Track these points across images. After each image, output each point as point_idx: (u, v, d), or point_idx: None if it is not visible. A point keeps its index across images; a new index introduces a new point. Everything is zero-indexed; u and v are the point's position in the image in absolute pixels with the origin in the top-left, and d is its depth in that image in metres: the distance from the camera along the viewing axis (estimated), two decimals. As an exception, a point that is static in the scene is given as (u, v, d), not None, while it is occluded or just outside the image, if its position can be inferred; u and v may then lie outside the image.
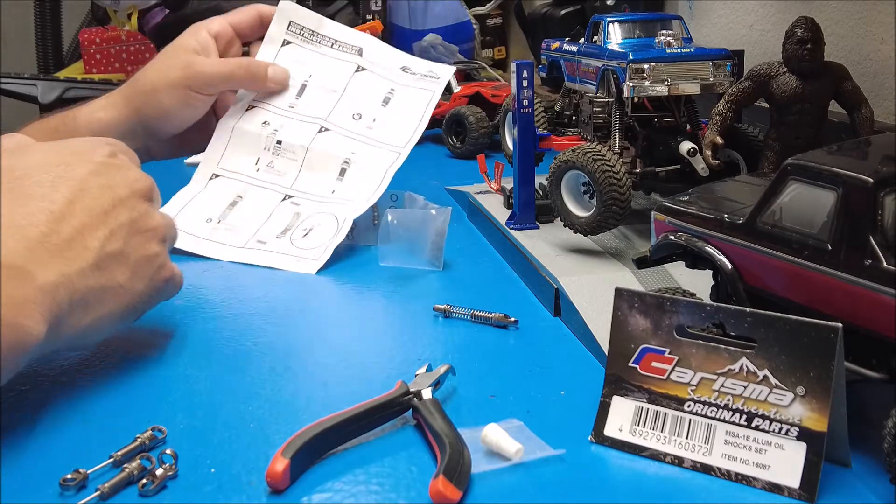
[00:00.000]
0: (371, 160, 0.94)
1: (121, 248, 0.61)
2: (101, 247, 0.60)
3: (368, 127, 0.97)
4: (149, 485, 0.49)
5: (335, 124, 0.97)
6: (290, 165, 0.96)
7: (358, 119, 0.98)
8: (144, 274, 0.64)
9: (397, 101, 0.99)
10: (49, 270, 0.56)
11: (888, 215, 0.49)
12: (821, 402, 0.49)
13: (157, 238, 0.65)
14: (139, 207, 0.64)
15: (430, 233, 0.86)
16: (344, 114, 0.98)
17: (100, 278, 0.60)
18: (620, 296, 0.55)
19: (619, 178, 0.80)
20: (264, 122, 0.97)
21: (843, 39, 1.06)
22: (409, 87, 1.01)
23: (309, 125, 0.97)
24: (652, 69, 0.83)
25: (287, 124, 0.97)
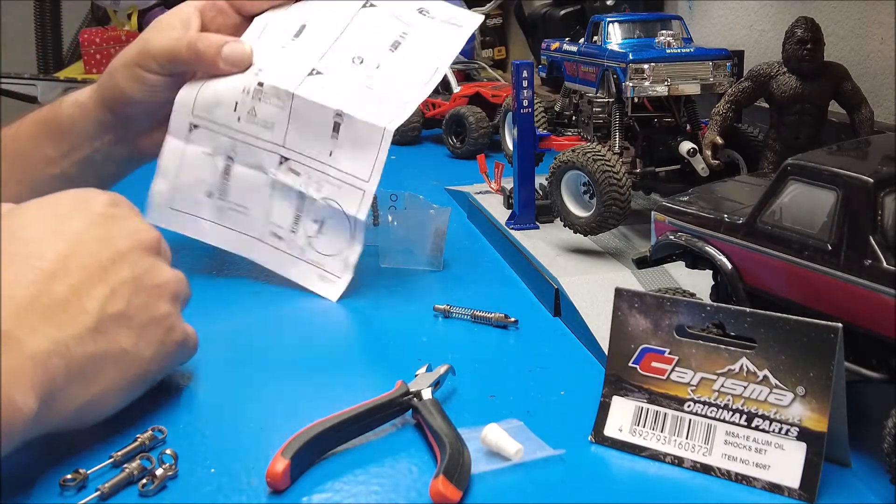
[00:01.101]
0: (369, 110, 0.80)
1: (123, 309, 0.54)
2: (101, 308, 0.53)
3: (369, 75, 0.82)
4: (149, 485, 0.49)
5: (330, 68, 0.82)
6: (276, 115, 0.81)
7: (359, 63, 0.83)
8: (152, 337, 0.56)
9: (408, 48, 0.84)
10: (40, 337, 0.49)
11: (888, 215, 0.49)
12: (821, 402, 0.49)
13: (166, 296, 0.58)
14: (143, 262, 0.57)
15: (430, 233, 0.86)
16: (342, 56, 0.83)
17: (100, 344, 0.52)
18: (620, 296, 0.55)
19: (619, 178, 0.80)
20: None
21: (843, 39, 1.06)
22: (425, 34, 0.85)
23: (298, 65, 0.83)
24: (652, 69, 0.83)
25: (275, 62, 0.83)
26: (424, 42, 0.84)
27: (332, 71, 0.82)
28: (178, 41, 0.82)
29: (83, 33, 2.04)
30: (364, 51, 0.83)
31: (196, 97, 0.83)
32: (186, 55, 0.82)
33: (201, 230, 0.84)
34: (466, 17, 0.87)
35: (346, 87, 0.81)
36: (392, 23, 0.85)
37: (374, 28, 0.85)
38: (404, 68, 0.83)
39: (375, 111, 0.79)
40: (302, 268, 0.81)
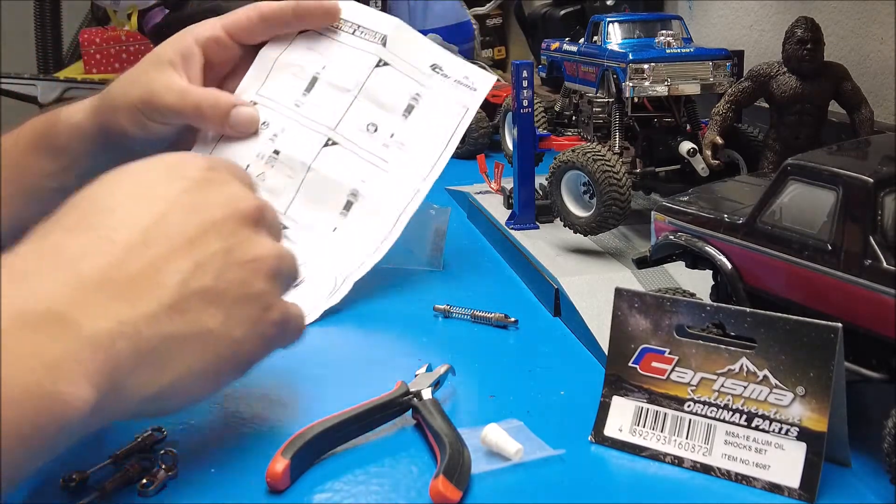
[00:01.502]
0: (383, 195, 0.79)
1: (210, 285, 0.49)
2: (183, 283, 0.48)
3: (384, 145, 0.81)
4: (149, 485, 0.49)
5: (345, 137, 0.81)
6: (286, 184, 0.80)
7: (373, 132, 0.81)
8: (244, 316, 0.50)
9: (422, 113, 0.83)
10: (103, 317, 0.44)
11: (888, 215, 0.49)
12: (821, 402, 0.49)
13: (263, 271, 0.52)
14: (239, 233, 0.51)
15: (430, 233, 0.86)
16: (357, 123, 0.82)
17: (179, 323, 0.47)
18: (620, 296, 0.55)
19: (619, 178, 0.80)
20: (263, 123, 0.82)
21: (843, 39, 1.06)
22: (438, 96, 0.84)
23: (314, 135, 0.81)
24: (652, 69, 0.83)
25: (289, 129, 0.81)
26: (437, 108, 0.83)
27: (347, 142, 0.81)
28: (184, 99, 0.78)
29: (83, 33, 2.04)
30: (378, 117, 0.82)
31: (212, 153, 0.82)
32: (192, 115, 0.79)
33: None
34: (480, 77, 0.85)
35: (360, 162, 0.80)
36: (405, 83, 0.84)
37: (388, 90, 0.83)
38: (418, 138, 0.82)
39: (390, 195, 0.79)
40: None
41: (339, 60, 0.84)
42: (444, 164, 0.81)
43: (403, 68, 0.84)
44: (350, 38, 0.85)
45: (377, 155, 0.81)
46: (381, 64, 0.84)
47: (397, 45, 0.85)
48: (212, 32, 0.82)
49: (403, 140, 0.81)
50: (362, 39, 0.85)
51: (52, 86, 1.78)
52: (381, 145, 0.81)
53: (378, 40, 0.85)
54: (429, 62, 0.85)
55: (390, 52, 0.84)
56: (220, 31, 0.82)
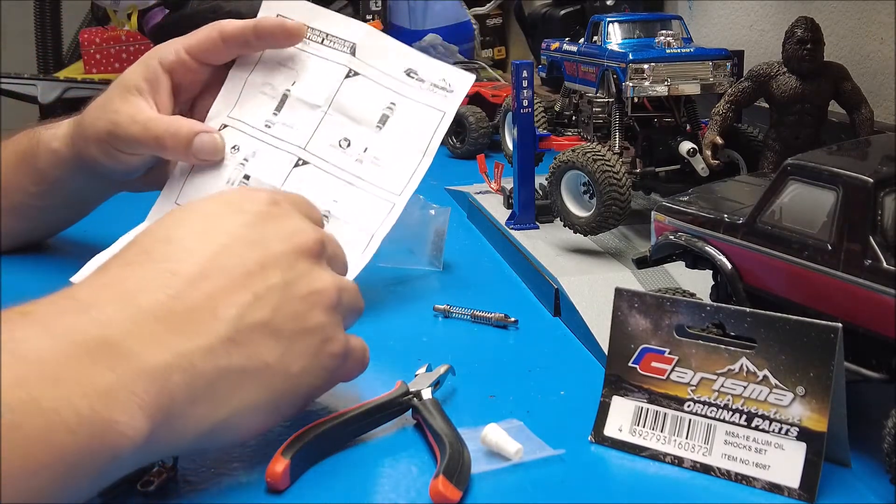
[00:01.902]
0: (357, 213, 0.77)
1: (268, 318, 0.49)
2: (240, 316, 0.47)
3: (358, 160, 0.78)
4: (149, 485, 0.49)
5: (316, 155, 0.79)
6: None
7: (345, 147, 0.78)
8: (303, 350, 0.50)
9: (397, 122, 0.79)
10: (160, 349, 0.44)
11: (888, 215, 0.49)
12: (821, 402, 0.49)
13: (323, 304, 0.52)
14: (299, 267, 0.51)
15: (430, 233, 0.86)
16: (328, 140, 0.79)
17: (236, 357, 0.47)
18: (620, 296, 0.55)
19: (619, 178, 0.80)
20: (233, 147, 0.80)
21: (843, 39, 1.06)
22: (413, 102, 0.80)
23: (284, 156, 0.79)
24: (652, 69, 0.83)
25: (259, 151, 0.79)
26: (412, 116, 0.80)
27: (318, 160, 0.79)
28: (146, 131, 0.77)
29: (83, 33, 2.04)
30: (350, 131, 0.79)
31: (184, 183, 0.80)
32: (154, 146, 0.78)
33: None
34: (458, 78, 0.81)
35: (332, 181, 0.78)
36: (378, 92, 0.80)
37: (360, 101, 0.80)
38: (393, 150, 0.78)
39: (364, 213, 0.76)
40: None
41: (309, 74, 0.82)
42: (423, 175, 0.78)
43: (375, 77, 0.81)
44: (319, 47, 0.82)
45: (350, 172, 0.78)
46: (351, 74, 0.81)
47: (367, 52, 0.82)
48: (175, 56, 0.80)
49: (377, 154, 0.78)
50: (331, 49, 0.82)
51: (52, 86, 1.78)
52: (353, 161, 0.78)
53: (347, 49, 0.82)
54: (402, 67, 0.81)
55: (360, 60, 0.81)
56: (184, 53, 0.80)
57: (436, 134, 0.79)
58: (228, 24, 0.81)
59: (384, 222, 0.76)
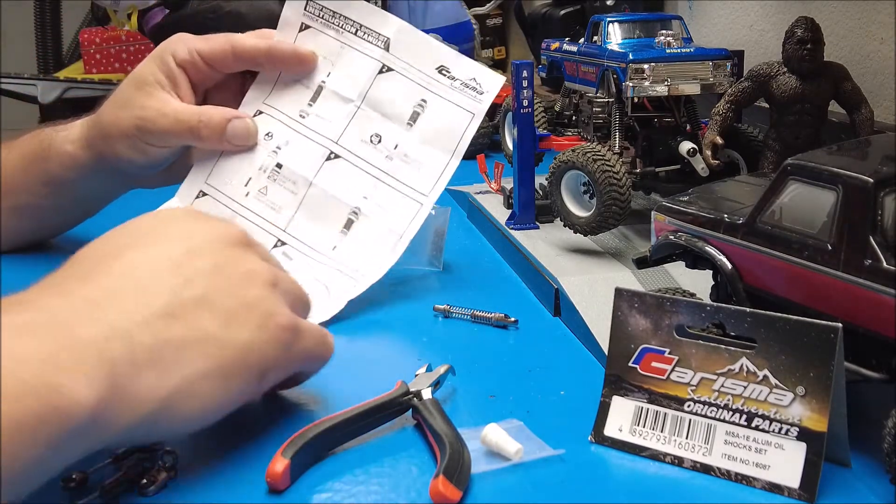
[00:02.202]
0: (385, 212, 0.78)
1: (202, 294, 0.50)
2: (173, 293, 0.49)
3: (388, 157, 0.79)
4: (149, 485, 0.49)
5: (348, 149, 0.80)
6: (287, 199, 0.79)
7: (377, 143, 0.80)
8: (246, 322, 0.51)
9: (427, 120, 0.80)
10: (93, 323, 0.45)
11: (888, 215, 0.49)
12: (821, 402, 0.49)
13: (258, 282, 0.53)
14: (224, 252, 0.53)
15: (430, 233, 0.86)
16: (359, 135, 0.80)
17: (175, 328, 0.48)
18: (620, 296, 0.55)
19: (619, 178, 0.80)
20: (267, 134, 0.81)
21: (843, 39, 1.06)
22: (443, 101, 0.81)
23: (317, 148, 0.80)
24: (652, 69, 0.83)
25: (293, 141, 0.81)
26: (443, 115, 0.80)
27: (349, 155, 0.80)
28: (178, 121, 0.78)
29: (83, 33, 2.04)
30: (381, 127, 0.80)
31: (214, 167, 0.81)
32: (189, 137, 0.79)
33: None
34: (488, 79, 0.81)
35: (363, 177, 0.79)
36: (411, 89, 0.81)
37: (392, 98, 0.81)
38: (423, 149, 0.80)
39: (393, 212, 0.78)
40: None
41: (344, 66, 0.82)
42: (450, 176, 0.79)
43: (408, 73, 0.82)
44: (353, 38, 0.83)
45: (380, 168, 0.79)
46: (384, 70, 0.82)
47: (401, 48, 0.82)
48: (189, 56, 0.81)
49: (407, 151, 0.80)
50: (365, 41, 0.83)
51: (52, 86, 1.78)
52: (384, 157, 0.80)
53: (381, 44, 0.83)
54: (435, 64, 0.82)
55: (394, 55, 0.82)
56: (196, 55, 0.81)
57: (465, 135, 0.80)
58: (242, 42, 0.82)
59: (412, 222, 0.78)
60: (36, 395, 0.41)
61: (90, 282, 0.48)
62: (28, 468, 0.41)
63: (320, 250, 0.78)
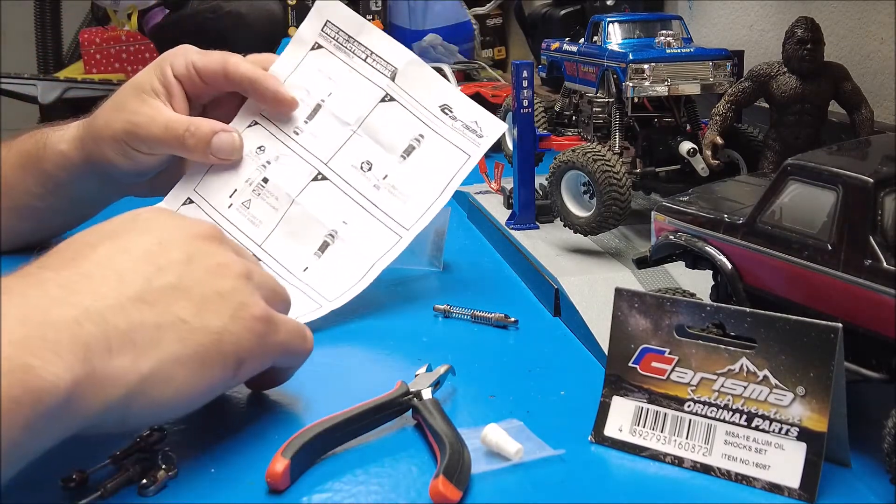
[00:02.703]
0: (362, 240, 0.77)
1: (175, 282, 0.51)
2: (146, 281, 0.50)
3: (375, 186, 0.78)
4: (149, 485, 0.49)
5: (336, 172, 0.79)
6: (268, 215, 0.79)
7: (366, 170, 0.79)
8: (219, 310, 0.51)
9: (422, 156, 0.79)
10: (66, 306, 0.46)
11: (888, 215, 0.49)
12: (821, 402, 0.49)
13: (231, 273, 0.53)
14: (196, 244, 0.54)
15: (430, 233, 0.86)
16: (350, 160, 0.79)
17: (149, 313, 0.49)
18: (620, 296, 0.55)
19: (619, 178, 0.80)
20: (259, 147, 0.81)
21: (843, 39, 1.06)
22: (441, 139, 0.80)
23: (305, 166, 0.80)
24: (652, 69, 0.83)
25: (282, 157, 0.80)
26: (438, 153, 0.79)
27: (337, 177, 0.79)
28: (167, 130, 0.79)
29: (83, 33, 2.04)
30: (374, 155, 0.79)
31: (204, 176, 0.81)
32: (175, 146, 0.79)
33: None
34: (490, 124, 0.81)
35: (346, 202, 0.78)
36: (410, 122, 0.80)
37: (390, 129, 0.80)
38: (412, 183, 0.78)
39: (370, 241, 0.77)
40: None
41: (346, 89, 0.82)
42: (434, 214, 0.78)
43: (410, 106, 0.81)
44: (362, 64, 0.83)
45: (365, 196, 0.78)
46: (386, 99, 0.81)
47: (407, 80, 0.82)
48: (185, 69, 0.81)
49: (396, 183, 0.78)
50: (373, 68, 0.82)
51: (52, 86, 1.78)
52: (371, 186, 0.79)
53: (388, 73, 0.82)
54: (439, 102, 0.81)
55: (399, 86, 0.81)
56: (192, 69, 0.81)
57: (457, 176, 0.79)
58: (236, 65, 0.82)
59: (387, 254, 0.76)
60: (9, 377, 0.41)
61: (65, 269, 0.49)
62: (6, 452, 0.41)
63: (291, 270, 0.77)
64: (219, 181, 0.81)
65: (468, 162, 0.79)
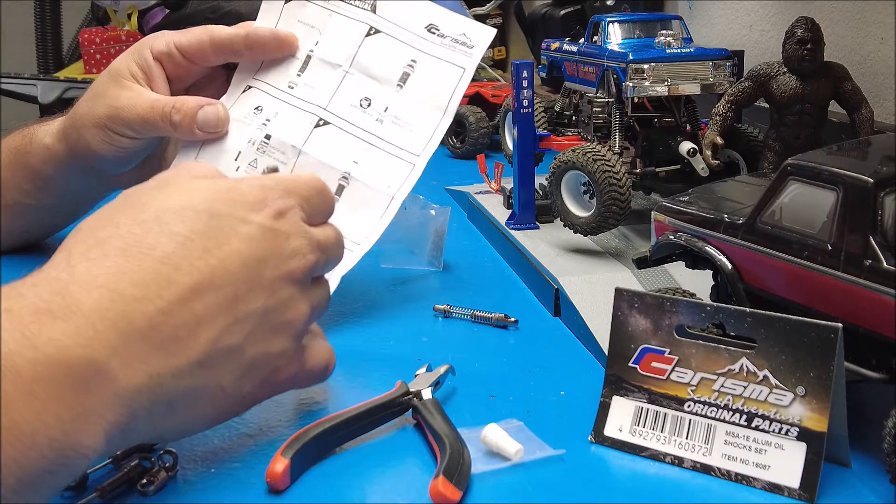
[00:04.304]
0: (376, 176, 0.76)
1: (238, 344, 0.48)
2: (215, 340, 0.47)
3: (378, 120, 0.78)
4: (149, 485, 0.49)
5: (337, 115, 0.78)
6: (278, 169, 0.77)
7: (366, 107, 0.78)
8: (258, 374, 0.51)
9: (417, 80, 0.78)
10: (137, 371, 0.44)
11: (888, 215, 0.49)
12: (821, 402, 0.49)
13: (291, 332, 0.52)
14: (282, 293, 0.51)
15: (430, 233, 0.86)
16: (349, 99, 0.79)
17: (199, 379, 0.47)
18: (620, 296, 0.55)
19: (619, 178, 0.80)
20: (257, 108, 0.80)
21: (843, 39, 1.06)
22: (433, 59, 0.79)
23: (305, 115, 0.79)
24: (652, 69, 0.83)
25: (282, 112, 0.79)
26: (433, 74, 0.78)
27: (338, 120, 0.78)
28: (151, 109, 0.77)
29: (83, 33, 2.04)
30: (371, 90, 0.79)
31: (200, 149, 0.79)
32: (162, 126, 0.77)
33: None
34: (479, 33, 0.79)
35: (353, 141, 0.77)
36: (399, 50, 0.79)
37: (381, 59, 0.79)
38: (414, 109, 0.78)
39: (384, 175, 0.76)
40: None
41: (331, 33, 0.81)
42: (442, 134, 0.77)
43: (397, 33, 0.80)
44: (341, 4, 0.82)
45: (370, 132, 0.77)
46: (372, 32, 0.80)
47: (388, 9, 0.80)
48: (167, 48, 0.80)
49: (398, 113, 0.78)
50: (352, 6, 0.81)
51: (52, 86, 1.78)
52: (374, 121, 0.78)
53: (368, 6, 0.81)
54: (424, 23, 0.80)
55: (381, 17, 0.80)
56: (174, 48, 0.80)
57: (455, 91, 0.78)
58: (219, 31, 0.81)
59: (404, 184, 0.75)
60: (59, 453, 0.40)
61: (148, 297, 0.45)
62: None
63: None
64: (219, 149, 0.79)
65: (464, 75, 0.78)
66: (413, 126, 0.77)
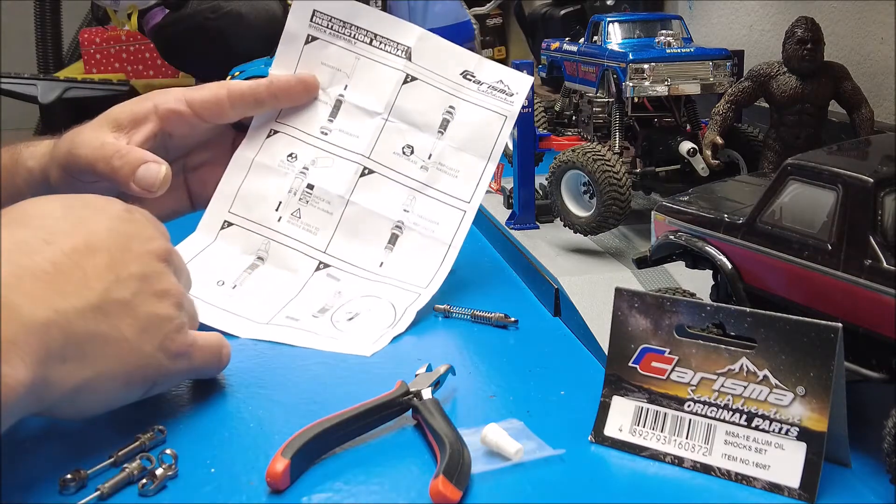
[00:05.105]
0: (429, 223, 0.76)
1: (128, 298, 0.53)
2: (106, 290, 0.52)
3: (423, 167, 0.78)
4: (149, 485, 0.49)
5: (381, 163, 0.78)
6: (324, 220, 0.78)
7: (409, 154, 0.78)
8: (154, 333, 0.55)
9: (458, 126, 0.79)
10: (41, 305, 0.48)
11: (888, 215, 0.49)
12: (821, 402, 0.49)
13: (171, 301, 0.56)
14: (152, 265, 0.56)
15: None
16: (391, 147, 0.79)
17: (102, 324, 0.51)
18: (620, 296, 0.55)
19: (619, 178, 0.80)
20: (290, 155, 0.79)
21: (843, 39, 1.06)
22: (472, 106, 0.79)
23: (347, 164, 0.78)
24: (652, 69, 0.83)
25: (319, 160, 0.79)
26: (473, 120, 0.79)
27: (383, 168, 0.78)
28: (96, 153, 0.74)
29: (83, 33, 2.04)
30: (412, 137, 0.79)
31: (237, 193, 0.79)
32: (104, 170, 0.74)
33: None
34: (516, 80, 0.80)
35: (400, 189, 0.78)
36: (437, 97, 0.80)
37: (419, 108, 0.80)
38: (457, 156, 0.78)
39: (437, 222, 0.77)
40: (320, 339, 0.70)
41: (363, 78, 0.81)
42: (489, 180, 0.78)
43: (433, 80, 0.80)
44: (368, 48, 0.81)
45: (416, 179, 0.78)
46: (408, 80, 0.80)
47: (423, 56, 0.81)
48: (175, 105, 0.78)
49: (442, 160, 0.79)
50: (384, 52, 0.81)
51: (52, 86, 1.78)
52: (419, 168, 0.78)
53: (402, 54, 0.81)
54: (459, 70, 0.81)
55: (417, 64, 0.81)
56: (184, 105, 0.78)
57: (499, 138, 0.79)
58: (238, 85, 0.79)
59: (458, 232, 0.77)
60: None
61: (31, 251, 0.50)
62: None
63: (367, 268, 0.76)
64: (256, 197, 0.79)
65: (507, 122, 0.79)
66: (459, 172, 0.78)
